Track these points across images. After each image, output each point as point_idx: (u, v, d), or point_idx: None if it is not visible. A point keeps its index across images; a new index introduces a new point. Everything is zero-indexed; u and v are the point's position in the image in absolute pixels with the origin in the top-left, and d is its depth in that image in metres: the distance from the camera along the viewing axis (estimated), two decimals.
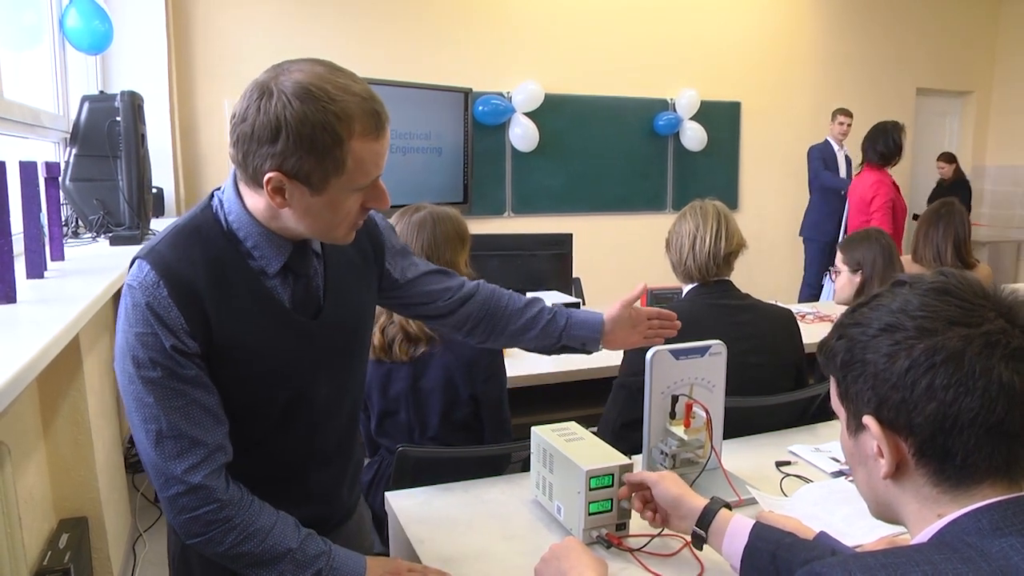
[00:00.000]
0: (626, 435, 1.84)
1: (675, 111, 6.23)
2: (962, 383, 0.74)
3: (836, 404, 0.87)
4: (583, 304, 3.11)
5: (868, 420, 0.80)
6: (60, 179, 2.73)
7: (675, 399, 1.53)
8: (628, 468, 1.33)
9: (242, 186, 1.10)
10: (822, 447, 1.76)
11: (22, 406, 1.89)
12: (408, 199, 2.47)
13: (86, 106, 3.00)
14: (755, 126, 6.62)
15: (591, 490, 1.30)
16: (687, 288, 2.10)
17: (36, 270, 1.99)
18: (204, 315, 1.07)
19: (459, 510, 1.48)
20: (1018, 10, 7.57)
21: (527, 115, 5.69)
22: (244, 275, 1.11)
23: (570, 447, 1.38)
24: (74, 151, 2.98)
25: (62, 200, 2.83)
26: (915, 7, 7.19)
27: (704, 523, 1.19)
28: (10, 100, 2.58)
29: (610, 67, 5.99)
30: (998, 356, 0.74)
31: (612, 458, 1.34)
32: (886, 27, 7.07)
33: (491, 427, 1.97)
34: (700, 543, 1.21)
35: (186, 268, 1.07)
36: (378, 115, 1.04)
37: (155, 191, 3.83)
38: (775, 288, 5.49)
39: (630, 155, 6.19)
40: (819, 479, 1.62)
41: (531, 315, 1.47)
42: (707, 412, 1.52)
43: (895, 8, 7.09)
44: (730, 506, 1.22)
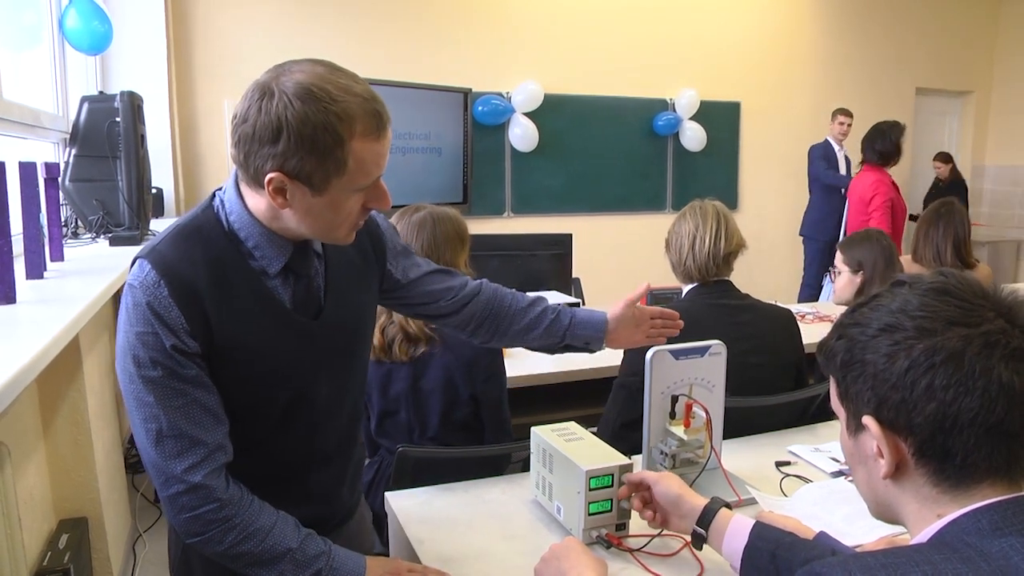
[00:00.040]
0: (626, 435, 1.83)
1: (675, 111, 6.23)
2: (962, 383, 0.74)
3: (836, 404, 0.87)
4: (583, 304, 3.11)
5: (868, 420, 0.80)
6: (60, 179, 2.73)
7: (675, 399, 1.53)
8: (628, 468, 1.33)
9: (243, 186, 1.10)
10: (822, 447, 1.76)
11: (22, 406, 1.89)
12: (408, 199, 2.46)
13: (85, 106, 3.00)
14: (755, 126, 6.62)
15: (591, 490, 1.30)
16: (687, 288, 2.10)
17: (36, 271, 1.99)
18: (205, 315, 1.07)
19: (459, 510, 1.48)
20: (1018, 10, 7.57)
21: (527, 115, 5.69)
22: (245, 275, 1.11)
23: (570, 447, 1.38)
24: (74, 151, 2.98)
25: (62, 201, 2.83)
26: (915, 7, 7.19)
27: (704, 523, 1.20)
28: (10, 100, 2.58)
29: (610, 67, 5.98)
30: (998, 356, 0.74)
31: (612, 458, 1.35)
32: (886, 27, 7.07)
33: (491, 427, 1.97)
34: (700, 543, 1.21)
35: (187, 268, 1.07)
36: (379, 115, 1.04)
37: (155, 191, 3.83)
38: (775, 288, 5.50)
39: (630, 155, 6.18)
40: (819, 479, 1.62)
41: (535, 314, 1.47)
42: (707, 412, 1.52)
43: (895, 8, 7.09)
44: (730, 506, 1.22)
